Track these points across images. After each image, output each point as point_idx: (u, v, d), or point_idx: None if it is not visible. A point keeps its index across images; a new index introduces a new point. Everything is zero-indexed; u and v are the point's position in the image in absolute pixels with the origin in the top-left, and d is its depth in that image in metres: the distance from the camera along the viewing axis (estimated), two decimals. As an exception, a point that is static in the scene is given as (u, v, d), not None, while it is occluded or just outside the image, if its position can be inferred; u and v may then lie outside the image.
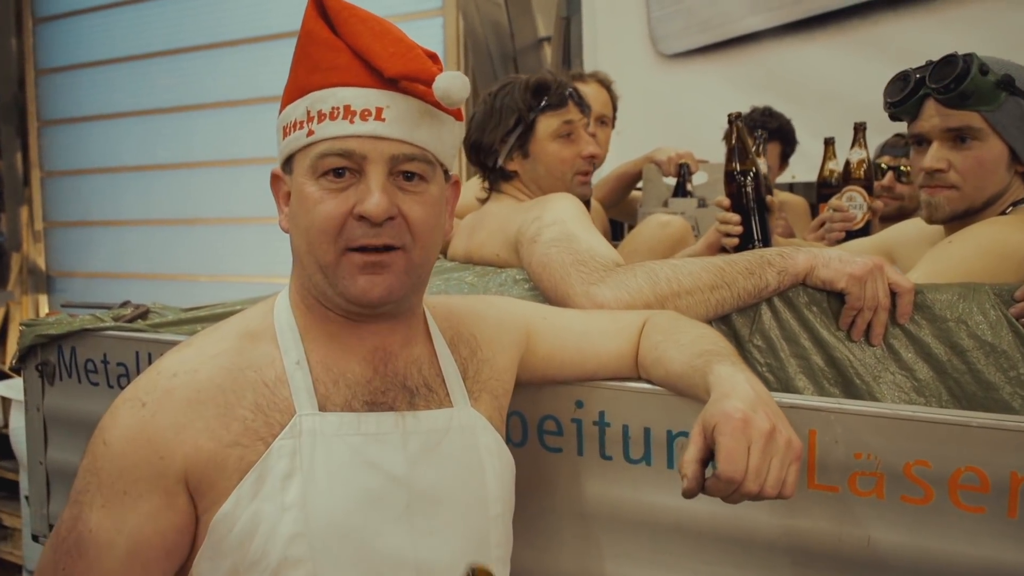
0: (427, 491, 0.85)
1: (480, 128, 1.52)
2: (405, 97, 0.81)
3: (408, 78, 0.80)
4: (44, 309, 6.66)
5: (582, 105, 1.54)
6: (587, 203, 1.56)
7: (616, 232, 2.49)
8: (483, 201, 1.59)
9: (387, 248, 0.81)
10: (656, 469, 1.01)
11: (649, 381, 1.02)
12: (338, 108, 0.80)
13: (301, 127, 0.82)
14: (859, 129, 1.92)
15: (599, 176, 2.19)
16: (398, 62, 0.80)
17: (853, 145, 1.92)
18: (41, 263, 6.95)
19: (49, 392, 1.55)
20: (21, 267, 6.77)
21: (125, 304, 1.68)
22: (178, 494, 0.78)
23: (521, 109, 1.48)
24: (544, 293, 1.25)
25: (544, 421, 1.08)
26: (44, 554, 0.82)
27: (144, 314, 1.59)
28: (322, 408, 0.82)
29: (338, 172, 0.80)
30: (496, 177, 1.54)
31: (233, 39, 6.05)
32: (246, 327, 0.87)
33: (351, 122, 0.80)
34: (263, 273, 5.68)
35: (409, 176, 0.82)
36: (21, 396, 2.31)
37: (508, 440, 0.98)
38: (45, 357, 1.53)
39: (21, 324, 1.55)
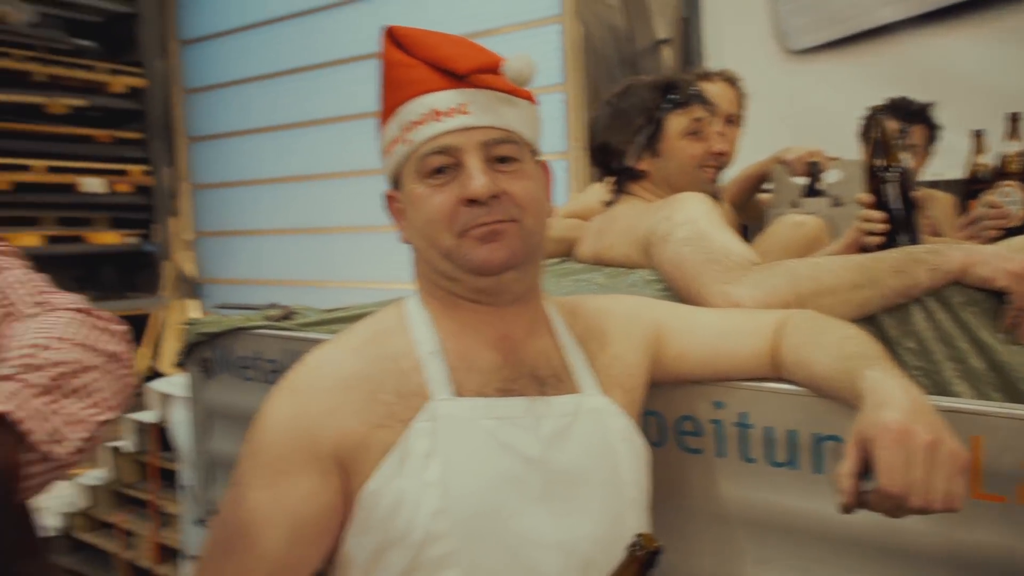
0: (562, 473, 0.86)
1: (606, 130, 1.53)
2: (481, 90, 0.88)
3: (479, 70, 0.87)
4: (193, 313, 7.13)
5: (709, 104, 1.52)
6: (717, 200, 1.54)
7: (742, 236, 2.43)
8: (609, 204, 1.60)
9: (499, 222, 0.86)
10: (802, 473, 0.98)
11: (791, 382, 0.99)
12: (427, 113, 0.87)
13: (399, 142, 0.90)
14: (1015, 119, 1.80)
15: (725, 178, 2.15)
16: (467, 59, 0.87)
17: (1008, 136, 1.80)
18: (190, 270, 7.44)
19: (209, 386, 1.67)
20: (172, 274, 7.26)
21: (272, 306, 1.80)
22: (331, 473, 0.83)
23: (649, 108, 1.48)
24: (677, 293, 1.24)
25: (682, 422, 1.07)
26: (209, 533, 0.88)
27: (289, 315, 1.70)
28: (457, 394, 0.86)
29: (439, 170, 0.87)
30: (624, 178, 1.54)
31: (356, 55, 6.30)
32: (380, 325, 0.94)
33: (440, 121, 0.86)
34: (384, 279, 5.87)
35: (502, 159, 0.88)
36: (179, 392, 2.50)
37: (646, 441, 0.98)
38: (205, 354, 1.65)
39: (184, 323, 1.68)
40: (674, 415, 1.08)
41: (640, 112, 1.49)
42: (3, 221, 5.96)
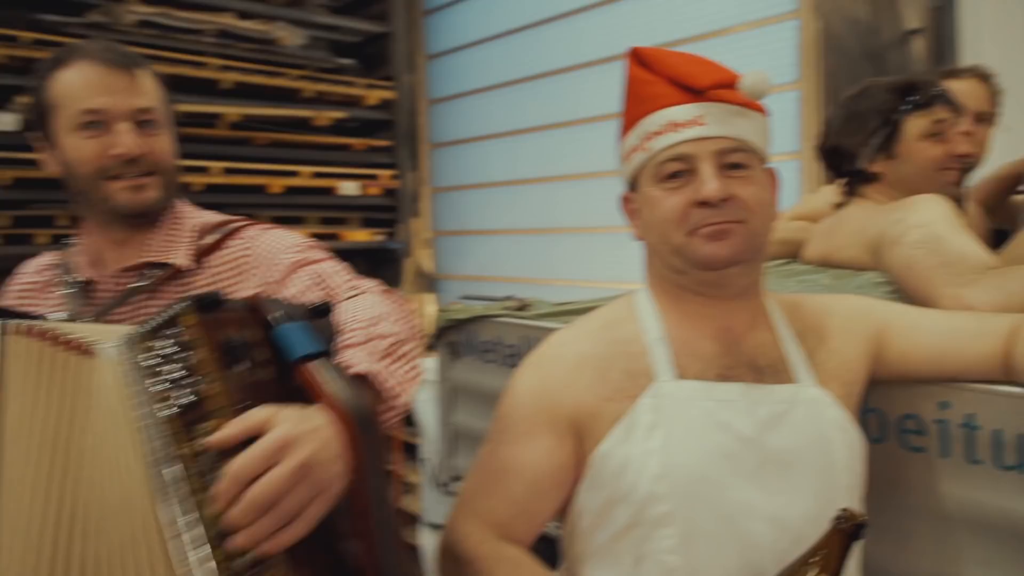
0: (777, 454, 0.94)
1: (839, 132, 1.54)
2: (716, 104, 0.96)
3: (716, 86, 0.95)
4: (431, 307, 7.75)
5: (953, 104, 1.48)
6: (959, 204, 1.49)
7: (1001, 241, 2.27)
8: (839, 206, 1.60)
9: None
10: (1032, 478, 0.97)
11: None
12: (666, 125, 0.97)
13: (639, 149, 1.00)
14: None
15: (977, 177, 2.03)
16: (706, 76, 0.96)
17: None
18: (428, 266, 8.08)
19: (455, 366, 1.89)
20: (412, 270, 7.92)
21: (509, 298, 1.99)
22: (567, 436, 0.98)
23: (885, 111, 1.47)
24: (907, 296, 1.25)
25: (904, 420, 1.09)
26: (467, 480, 1.06)
27: (524, 306, 1.88)
28: (679, 376, 0.97)
29: (675, 175, 0.97)
30: (856, 180, 1.54)
31: (588, 61, 6.50)
32: (613, 314, 1.07)
33: (678, 132, 0.96)
34: (604, 279, 6.00)
35: (733, 165, 0.96)
36: (425, 374, 2.80)
37: (865, 436, 1.02)
38: (453, 338, 1.87)
39: (438, 310, 1.92)
40: (896, 413, 1.10)
41: (876, 114, 1.49)
42: (277, 220, 6.86)
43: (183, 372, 0.76)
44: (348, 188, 7.66)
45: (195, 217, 1.21)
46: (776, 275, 1.54)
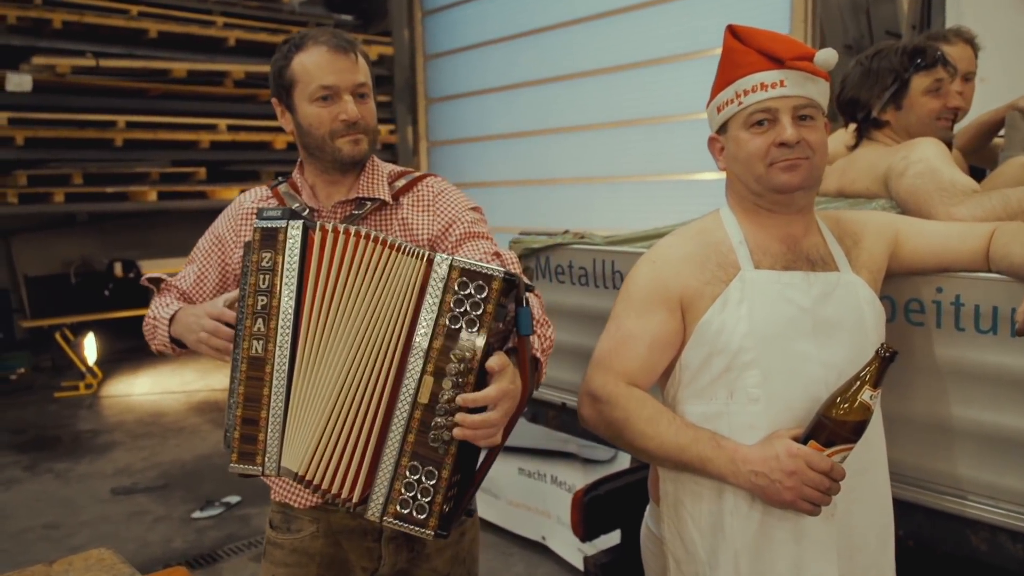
0: (826, 319, 1.33)
1: (857, 86, 1.91)
2: (795, 72, 1.31)
3: (796, 58, 1.31)
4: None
5: (951, 67, 1.86)
6: (949, 147, 1.88)
7: (977, 178, 2.63)
8: (852, 148, 1.98)
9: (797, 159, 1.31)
10: (1000, 338, 1.37)
11: (998, 272, 1.38)
12: (756, 85, 1.32)
13: (732, 103, 1.35)
14: None
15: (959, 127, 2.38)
16: (788, 50, 1.31)
17: None
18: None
19: (530, 287, 2.26)
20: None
21: (566, 232, 2.35)
22: (676, 311, 1.36)
23: (898, 70, 1.84)
24: (911, 215, 1.64)
25: (910, 303, 1.49)
26: (599, 346, 1.43)
27: (583, 236, 2.24)
28: (756, 267, 1.35)
29: (760, 123, 1.32)
30: (867, 126, 1.93)
31: (585, 16, 6.76)
32: (704, 224, 1.44)
33: (766, 91, 1.31)
34: (606, 227, 6.37)
35: (804, 117, 1.32)
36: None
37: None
38: (528, 264, 2.24)
39: (512, 240, 2.28)
40: (904, 298, 1.49)
41: (890, 72, 1.86)
42: (280, 176, 7.10)
43: (469, 312, 1.19)
44: (350, 143, 7.90)
45: (384, 167, 1.56)
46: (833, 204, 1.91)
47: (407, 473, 1.20)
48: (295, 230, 1.29)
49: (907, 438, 1.52)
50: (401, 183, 1.54)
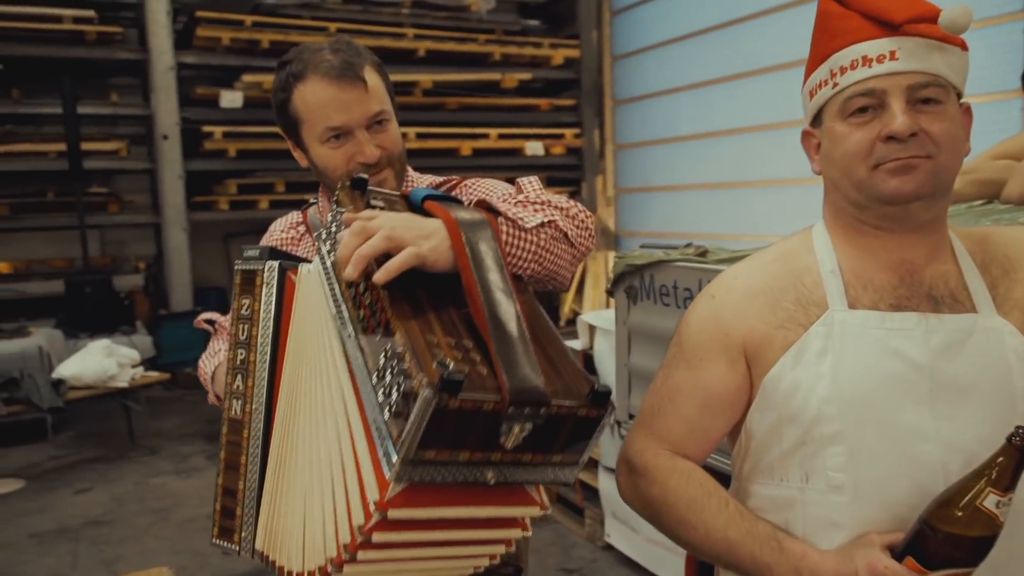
0: (950, 381, 0.94)
1: None
2: (913, 38, 0.94)
3: (914, 20, 0.92)
4: (611, 264, 7.83)
5: None
6: None
7: None
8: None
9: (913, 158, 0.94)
10: None
11: None
12: (857, 60, 0.96)
13: (826, 84, 1.00)
14: None
15: None
16: (903, 10, 0.93)
17: None
18: (611, 224, 8.11)
19: (632, 311, 1.97)
20: (595, 228, 8.00)
21: (688, 245, 2.03)
22: (738, 361, 1.03)
23: None
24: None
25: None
26: (644, 401, 1.13)
27: (704, 253, 1.90)
28: (851, 306, 0.98)
29: (862, 109, 0.96)
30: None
31: (778, 5, 6.18)
32: (787, 246, 1.09)
33: (869, 67, 0.95)
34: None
35: (926, 100, 0.94)
36: (604, 325, 2.90)
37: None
38: (631, 283, 1.95)
39: (616, 256, 2.00)
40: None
41: None
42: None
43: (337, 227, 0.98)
44: (533, 148, 7.86)
45: (422, 179, 1.37)
46: (972, 215, 1.48)
47: None
48: (270, 273, 1.10)
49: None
50: (443, 189, 1.33)
